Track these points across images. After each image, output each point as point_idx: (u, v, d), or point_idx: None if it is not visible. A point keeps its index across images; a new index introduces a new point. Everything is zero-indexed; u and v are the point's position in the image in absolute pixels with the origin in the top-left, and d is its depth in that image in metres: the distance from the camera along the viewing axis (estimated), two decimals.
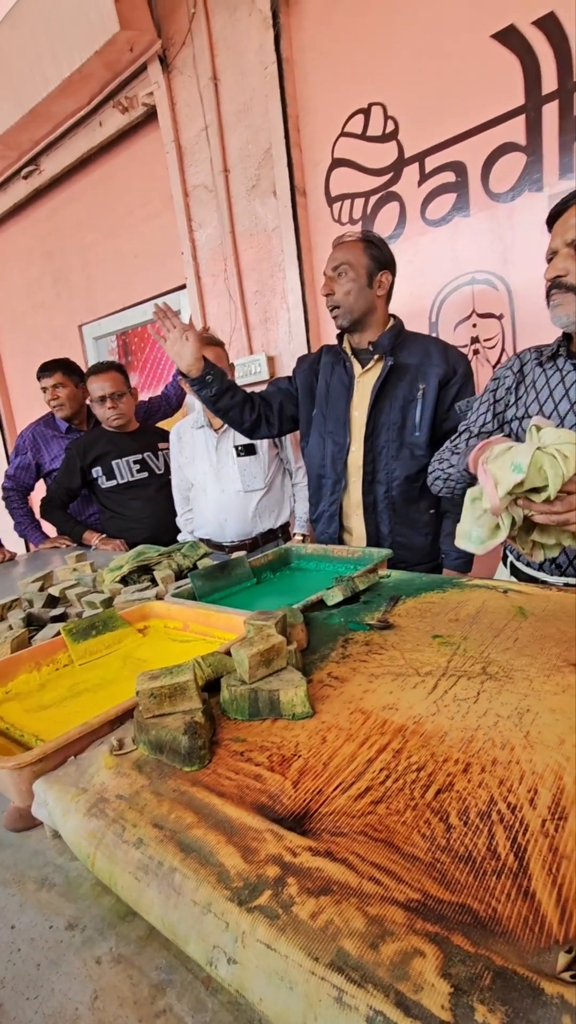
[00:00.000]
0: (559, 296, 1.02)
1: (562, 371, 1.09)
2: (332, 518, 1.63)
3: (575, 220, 0.99)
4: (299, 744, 0.61)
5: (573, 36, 1.65)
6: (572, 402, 1.06)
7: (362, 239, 1.49)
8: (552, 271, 1.02)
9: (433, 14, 1.88)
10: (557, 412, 1.08)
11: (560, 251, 1.01)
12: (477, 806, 0.49)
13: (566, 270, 1.00)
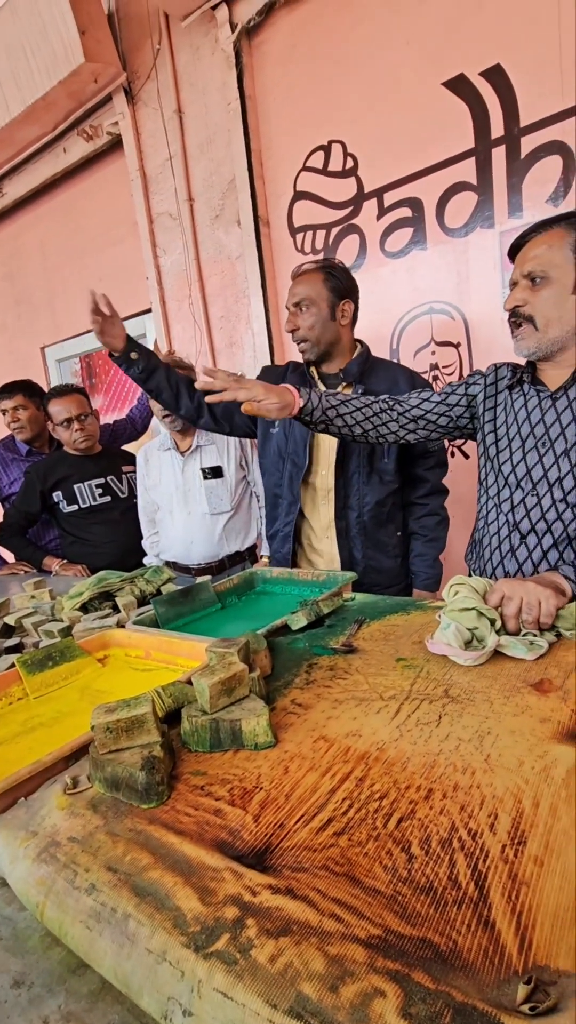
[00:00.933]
0: (519, 330, 1.07)
1: (526, 396, 1.13)
2: (287, 538, 1.63)
3: (532, 253, 1.03)
4: (261, 775, 0.59)
5: (518, 86, 1.76)
6: (533, 426, 1.10)
7: (321, 269, 1.50)
8: (511, 301, 1.06)
9: (387, 61, 1.98)
10: (519, 435, 1.12)
11: (519, 282, 1.06)
12: (439, 834, 0.48)
13: (524, 300, 1.05)
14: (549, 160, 1.74)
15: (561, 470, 1.06)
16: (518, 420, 1.12)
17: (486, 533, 1.18)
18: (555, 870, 0.43)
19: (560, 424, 1.06)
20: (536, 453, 1.08)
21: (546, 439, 1.08)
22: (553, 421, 1.07)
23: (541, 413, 1.09)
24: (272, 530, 1.70)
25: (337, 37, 2.08)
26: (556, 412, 1.07)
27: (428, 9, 1.87)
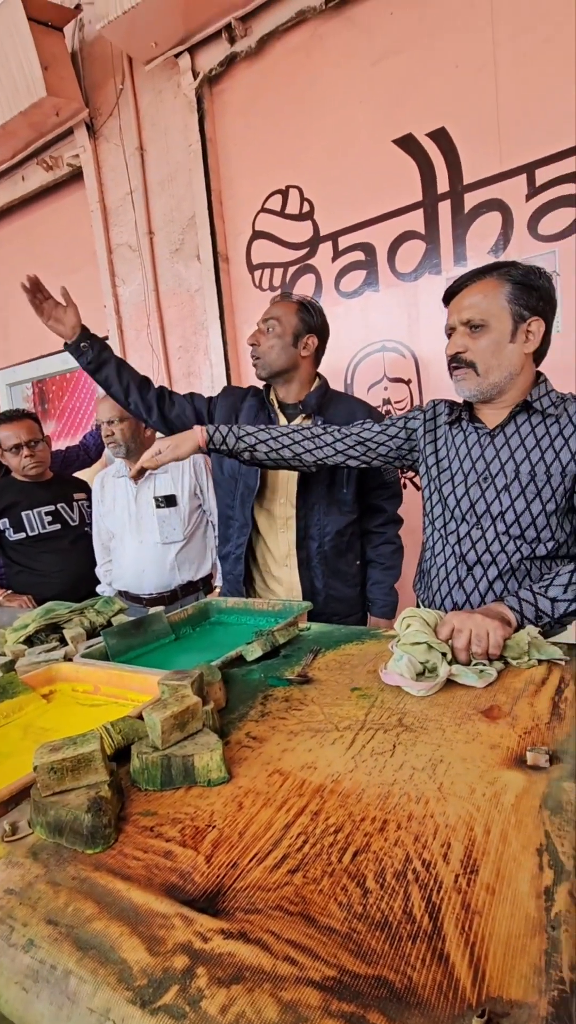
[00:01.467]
0: (460, 372, 1.12)
1: (465, 432, 1.19)
2: (239, 560, 1.63)
3: (469, 301, 1.10)
4: (214, 813, 0.58)
5: (461, 148, 1.90)
6: (474, 461, 1.15)
7: (298, 302, 1.57)
8: (452, 348, 1.12)
9: (342, 117, 2.11)
10: (461, 470, 1.17)
11: (458, 328, 1.11)
12: (393, 866, 0.48)
13: (464, 347, 1.10)
14: (490, 216, 1.88)
15: (503, 504, 1.11)
16: (459, 455, 1.17)
17: (434, 564, 1.21)
18: (506, 897, 0.44)
19: (499, 460, 1.12)
20: (479, 488, 1.13)
21: (487, 474, 1.13)
22: (493, 457, 1.13)
23: (481, 449, 1.15)
24: (224, 551, 1.69)
25: (295, 92, 2.20)
26: (495, 449, 1.13)
27: (380, 74, 2.01)
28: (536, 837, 0.50)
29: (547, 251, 1.81)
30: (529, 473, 1.09)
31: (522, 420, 1.12)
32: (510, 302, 1.06)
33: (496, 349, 1.08)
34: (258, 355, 1.55)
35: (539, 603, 0.97)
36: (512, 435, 1.12)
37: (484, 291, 1.08)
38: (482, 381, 1.10)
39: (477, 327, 1.08)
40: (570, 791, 0.55)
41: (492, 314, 1.07)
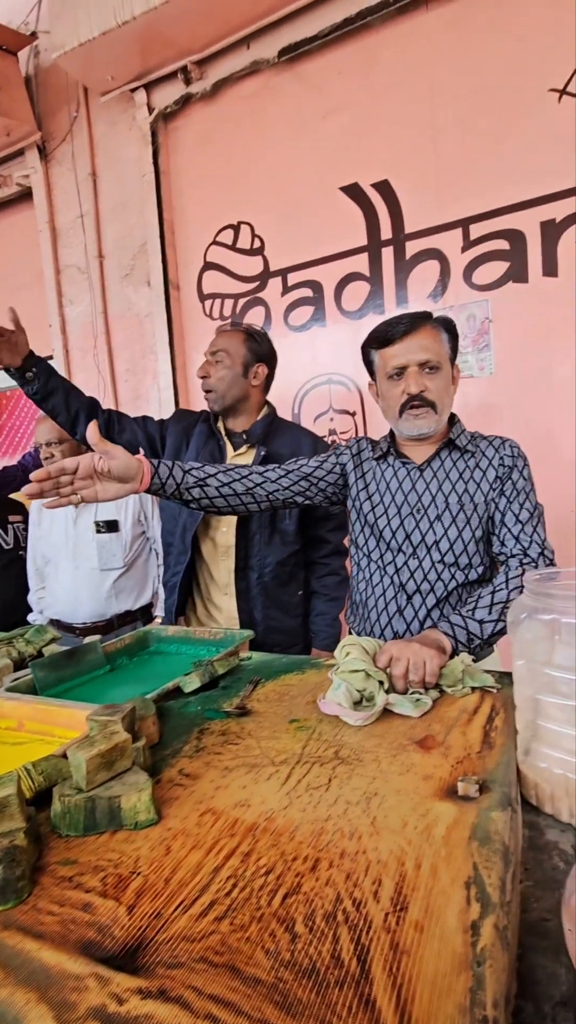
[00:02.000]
0: (421, 410, 1.16)
1: (394, 468, 1.24)
2: (173, 590, 1.60)
3: (422, 344, 1.14)
4: (140, 859, 0.55)
5: (402, 200, 2.02)
6: (406, 494, 1.21)
7: (244, 331, 1.57)
8: (415, 387, 1.15)
9: (292, 162, 2.20)
10: (394, 503, 1.21)
11: (412, 369, 1.14)
12: (324, 907, 0.47)
13: (424, 386, 1.15)
14: (429, 264, 2.00)
15: (436, 534, 1.16)
16: (391, 489, 1.22)
17: (371, 595, 1.23)
18: (434, 934, 0.43)
19: (430, 493, 1.18)
20: (412, 519, 1.18)
21: (420, 506, 1.18)
22: (423, 490, 1.19)
23: (412, 483, 1.21)
24: (164, 579, 1.66)
25: (248, 135, 2.28)
26: (425, 482, 1.20)
27: (328, 126, 2.12)
28: (465, 870, 0.50)
29: (481, 299, 1.93)
30: (457, 503, 1.16)
31: (445, 456, 1.20)
32: (447, 348, 1.16)
33: (447, 390, 1.17)
34: (209, 387, 1.55)
35: (469, 626, 1.02)
36: (439, 469, 1.20)
37: (432, 336, 1.15)
38: (439, 419, 1.17)
39: (433, 368, 1.14)
40: (498, 821, 0.56)
41: (441, 357, 1.15)
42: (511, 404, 1.92)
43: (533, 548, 1.11)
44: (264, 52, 2.15)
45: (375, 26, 2.00)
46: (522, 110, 1.82)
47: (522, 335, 1.89)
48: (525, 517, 1.13)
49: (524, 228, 1.85)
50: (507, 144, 1.85)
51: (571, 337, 1.82)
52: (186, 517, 1.58)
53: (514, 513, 1.13)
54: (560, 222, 1.80)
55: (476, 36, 1.87)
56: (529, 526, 1.12)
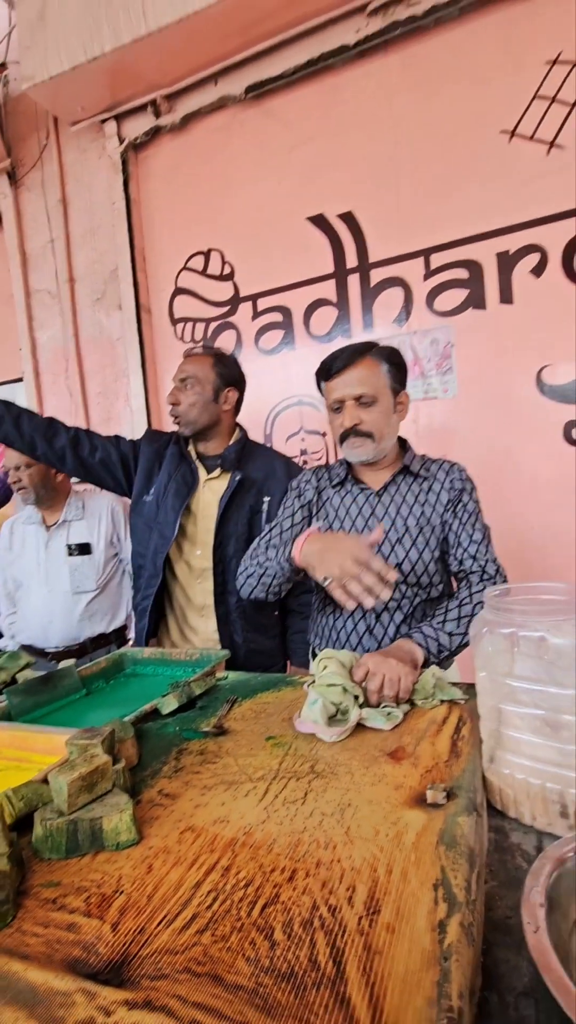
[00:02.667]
0: (357, 440, 1.20)
1: (352, 493, 1.29)
2: (144, 613, 1.58)
3: (357, 378, 1.18)
4: (122, 878, 0.56)
5: (366, 230, 2.11)
6: (366, 519, 1.26)
7: (212, 355, 1.57)
8: (350, 420, 1.19)
9: (260, 192, 2.28)
10: (355, 528, 1.26)
11: (348, 402, 1.20)
12: (301, 915, 0.49)
13: (360, 419, 1.19)
14: (393, 291, 2.09)
15: (398, 556, 1.21)
16: (351, 515, 1.27)
17: (340, 617, 1.27)
18: (405, 933, 0.46)
19: (389, 516, 1.24)
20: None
21: None
22: (383, 515, 1.24)
23: (371, 508, 1.26)
24: (135, 603, 1.64)
25: (217, 166, 2.36)
26: (384, 507, 1.25)
27: (294, 159, 2.21)
28: (433, 873, 0.53)
29: (443, 325, 2.02)
30: (416, 526, 1.22)
31: (401, 480, 1.26)
32: (388, 379, 1.20)
33: (386, 420, 1.21)
34: (179, 413, 1.55)
35: (440, 638, 1.07)
36: (395, 494, 1.25)
37: (369, 369, 1.19)
38: (376, 446, 1.22)
39: (369, 401, 1.19)
40: (464, 826, 0.60)
41: (378, 389, 1.19)
42: (473, 424, 2.01)
43: (490, 566, 1.20)
44: (231, 89, 2.24)
45: (337, 67, 2.11)
46: (476, 150, 1.94)
47: (482, 359, 1.98)
48: (479, 538, 1.22)
49: (481, 259, 1.96)
50: (463, 180, 1.96)
51: (528, 361, 1.92)
52: (157, 540, 1.57)
53: (468, 534, 1.21)
54: (514, 253, 1.91)
55: (432, 80, 1.99)
56: (483, 546, 1.21)
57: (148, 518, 1.59)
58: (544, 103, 1.85)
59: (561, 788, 0.66)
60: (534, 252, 1.89)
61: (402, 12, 1.95)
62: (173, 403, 1.55)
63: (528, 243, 1.89)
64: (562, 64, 1.82)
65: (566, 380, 1.88)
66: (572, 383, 1.87)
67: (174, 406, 1.55)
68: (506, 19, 1.87)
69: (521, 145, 1.89)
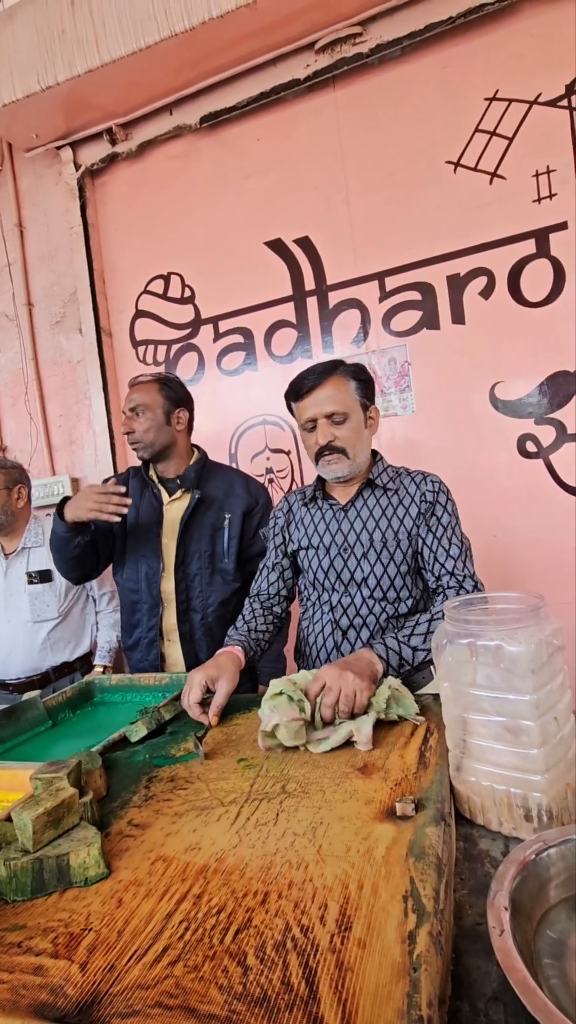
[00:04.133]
0: (332, 457, 1.23)
1: (322, 510, 1.31)
2: (151, 644, 1.57)
3: (327, 396, 1.21)
4: (91, 915, 0.55)
5: (323, 254, 2.17)
6: (333, 535, 1.27)
7: (157, 380, 1.60)
8: (324, 438, 1.22)
9: (218, 218, 2.33)
10: (323, 544, 1.27)
11: (320, 421, 1.22)
12: (274, 937, 0.49)
13: (333, 436, 1.22)
14: (350, 312, 2.15)
15: (364, 571, 1.22)
16: (319, 531, 1.29)
17: (311, 632, 1.28)
18: (375, 948, 0.47)
19: (355, 532, 1.25)
20: (341, 559, 1.24)
21: (347, 545, 1.25)
22: (348, 530, 1.26)
23: (338, 523, 1.27)
24: (133, 638, 1.61)
25: (175, 192, 2.39)
26: (349, 522, 1.26)
27: (250, 186, 2.27)
28: (402, 884, 0.54)
29: (399, 344, 2.09)
30: (381, 540, 1.22)
31: (367, 495, 1.27)
32: (357, 395, 1.23)
33: (358, 435, 1.23)
34: (137, 440, 1.57)
35: (403, 652, 1.07)
36: (361, 508, 1.26)
37: (338, 387, 1.21)
38: (351, 463, 1.24)
39: (340, 418, 1.21)
40: (432, 836, 0.61)
41: (348, 406, 1.21)
42: (432, 439, 2.07)
43: (467, 582, 1.18)
44: (187, 118, 2.29)
45: (289, 100, 2.18)
46: (424, 179, 2.03)
47: (438, 376, 2.05)
48: (456, 553, 1.19)
49: (433, 281, 2.04)
50: (413, 208, 2.05)
51: (481, 378, 1.99)
52: (146, 569, 1.57)
53: (444, 548, 1.19)
54: (463, 276, 2.00)
55: (379, 114, 2.08)
56: (460, 561, 1.19)
57: (133, 555, 1.59)
58: (485, 136, 1.95)
59: (524, 792, 0.68)
60: (482, 275, 1.98)
61: (349, 50, 2.04)
62: (128, 432, 1.56)
63: (476, 266, 1.98)
64: (499, 101, 1.93)
65: (517, 396, 1.96)
66: (523, 399, 1.95)
67: (129, 434, 1.56)
68: (445, 59, 1.99)
69: (465, 175, 1.99)
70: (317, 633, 1.26)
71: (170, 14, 1.94)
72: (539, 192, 1.90)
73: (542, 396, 1.93)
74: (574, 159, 1.86)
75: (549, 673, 0.71)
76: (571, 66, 1.85)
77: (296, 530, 1.33)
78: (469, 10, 1.89)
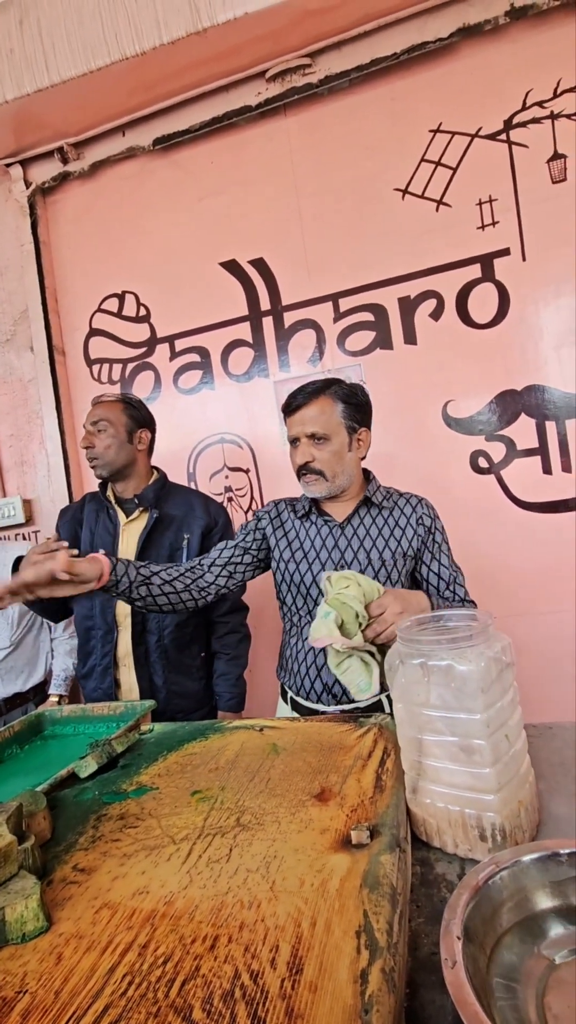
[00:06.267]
0: (310, 477, 1.25)
1: (316, 525, 1.31)
2: (106, 672, 1.52)
3: (310, 416, 1.23)
4: (27, 975, 0.51)
5: (277, 275, 2.20)
6: (329, 551, 1.27)
7: (121, 400, 1.60)
8: (302, 458, 1.24)
9: (172, 239, 2.33)
10: (319, 559, 1.28)
11: (302, 440, 1.24)
12: (222, 986, 0.47)
13: (312, 456, 1.23)
14: (306, 332, 2.18)
15: None
16: (315, 546, 1.28)
17: (300, 649, 1.27)
18: (327, 990, 0.45)
19: (352, 549, 1.26)
20: None
21: (343, 562, 1.25)
22: (346, 547, 1.26)
23: (334, 540, 1.28)
24: (88, 666, 1.55)
25: (128, 212, 2.38)
26: (347, 539, 1.27)
27: (204, 208, 2.28)
28: (356, 919, 0.53)
29: (354, 364, 2.13)
30: (379, 559, 1.24)
31: (364, 512, 1.29)
32: (343, 418, 1.24)
33: (338, 458, 1.24)
34: (95, 456, 1.55)
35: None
36: (359, 526, 1.28)
37: (322, 408, 1.23)
38: (330, 484, 1.25)
39: (321, 439, 1.22)
40: (386, 864, 0.60)
41: (331, 428, 1.23)
42: (389, 456, 2.10)
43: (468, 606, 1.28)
44: (139, 140, 2.29)
45: (241, 126, 2.22)
46: (374, 205, 2.09)
47: (393, 395, 2.09)
48: (449, 575, 1.29)
49: (385, 303, 2.09)
50: (364, 232, 2.10)
51: (434, 396, 2.05)
52: (100, 594, 1.52)
53: (442, 573, 1.28)
54: (414, 299, 2.06)
55: (330, 142, 2.14)
56: (461, 579, 1.30)
57: None
58: (430, 166, 2.03)
59: (478, 812, 0.68)
60: (432, 298, 2.04)
61: (298, 80, 2.10)
62: (87, 446, 1.54)
63: (426, 289, 2.04)
64: (443, 133, 2.02)
65: (469, 414, 2.02)
66: (474, 416, 2.01)
67: (89, 449, 1.54)
68: (391, 91, 2.06)
69: (413, 202, 2.06)
70: (307, 651, 1.25)
71: (120, 38, 1.95)
72: (483, 219, 1.99)
73: (492, 414, 1.99)
74: (513, 189, 1.96)
75: (499, 691, 0.72)
76: (508, 102, 1.95)
77: (285, 541, 1.32)
78: (412, 47, 1.97)
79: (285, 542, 1.33)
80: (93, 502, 1.64)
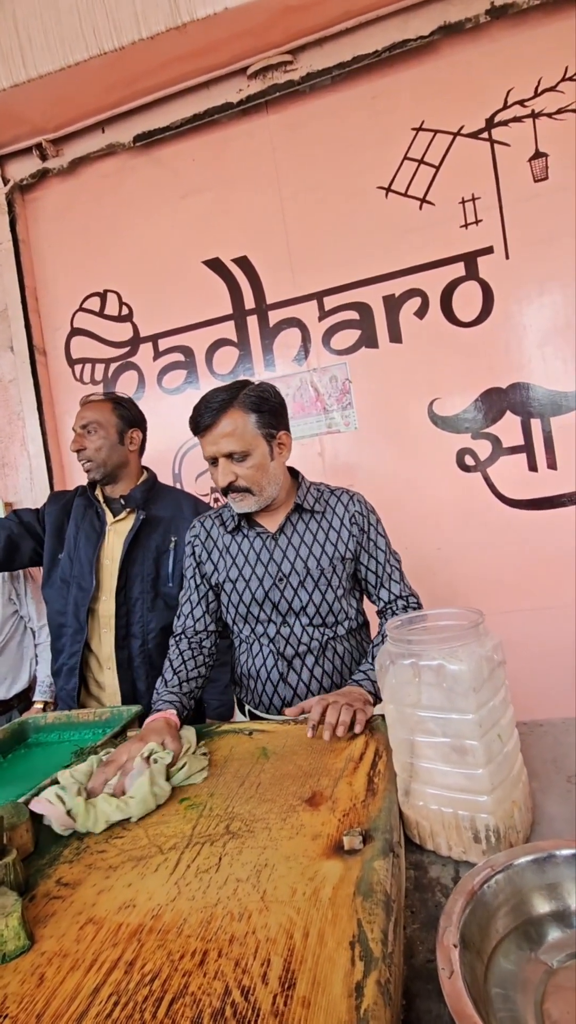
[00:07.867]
0: (237, 496, 1.17)
1: (248, 538, 1.24)
2: (72, 672, 1.49)
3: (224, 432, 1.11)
4: (7, 997, 0.49)
5: (261, 274, 2.18)
6: (265, 564, 1.21)
7: (110, 399, 1.56)
8: (224, 479, 1.13)
9: (155, 237, 2.30)
10: (255, 575, 1.21)
11: (221, 459, 1.13)
12: (212, 1004, 0.45)
13: (235, 475, 1.13)
14: (291, 331, 2.16)
15: (302, 600, 1.19)
16: (250, 560, 1.22)
17: (253, 665, 1.23)
18: (321, 1005, 0.44)
19: (288, 560, 1.20)
20: (277, 589, 1.20)
21: (281, 574, 1.20)
22: (281, 558, 1.20)
23: (269, 552, 1.21)
24: (57, 665, 1.54)
25: (109, 210, 2.35)
26: (281, 550, 1.21)
27: (187, 206, 2.26)
28: (349, 929, 0.51)
29: (340, 362, 2.11)
30: (317, 568, 1.20)
31: (296, 519, 1.22)
32: (259, 428, 1.13)
33: (262, 471, 1.15)
34: (87, 458, 1.52)
35: (371, 676, 1.11)
36: (292, 535, 1.21)
37: (234, 423, 1.11)
38: (258, 498, 1.17)
39: (240, 456, 1.12)
40: (380, 871, 0.58)
41: (247, 443, 1.12)
42: (375, 455, 2.10)
43: (412, 599, 1.24)
44: (119, 137, 2.26)
45: (223, 123, 2.20)
46: (357, 203, 2.08)
47: (379, 393, 2.09)
48: (397, 576, 1.26)
49: (370, 301, 2.08)
50: (348, 230, 2.09)
51: (420, 394, 2.04)
52: (76, 593, 1.50)
53: (388, 574, 1.25)
54: (399, 297, 2.05)
55: (313, 139, 2.12)
56: (402, 583, 1.26)
57: (65, 574, 1.53)
58: (413, 164, 2.03)
59: (472, 814, 0.67)
60: (416, 296, 2.04)
61: (280, 77, 2.08)
62: (78, 449, 1.51)
63: (410, 287, 2.04)
64: (426, 131, 2.02)
65: (454, 412, 2.02)
66: (460, 414, 2.01)
67: (80, 452, 1.51)
68: (373, 89, 2.06)
69: (397, 200, 2.05)
70: (260, 666, 1.22)
71: (98, 33, 1.92)
72: (466, 218, 1.99)
73: (477, 412, 1.99)
74: (496, 188, 1.96)
75: (491, 690, 0.71)
76: (489, 101, 1.96)
77: (221, 560, 1.24)
78: (394, 44, 1.97)
79: (222, 563, 1.24)
80: (82, 497, 1.61)
